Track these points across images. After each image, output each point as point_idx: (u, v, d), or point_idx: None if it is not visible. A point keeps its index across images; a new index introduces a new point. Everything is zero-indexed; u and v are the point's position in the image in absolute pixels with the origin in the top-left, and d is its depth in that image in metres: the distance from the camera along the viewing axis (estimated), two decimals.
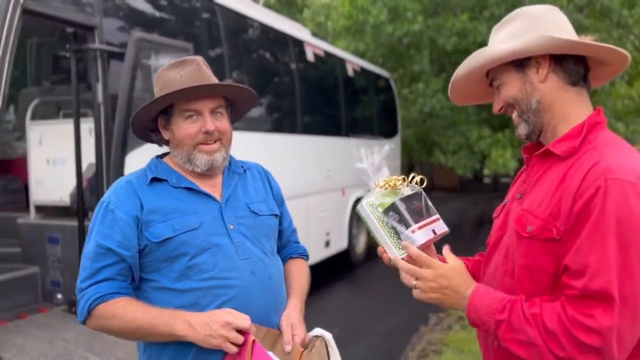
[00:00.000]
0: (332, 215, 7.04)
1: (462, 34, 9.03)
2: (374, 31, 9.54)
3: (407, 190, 1.35)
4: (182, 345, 1.39)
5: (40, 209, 4.11)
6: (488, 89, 1.31)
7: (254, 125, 5.57)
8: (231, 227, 1.48)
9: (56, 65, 4.66)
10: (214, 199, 1.50)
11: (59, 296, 3.74)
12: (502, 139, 8.99)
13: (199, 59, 1.51)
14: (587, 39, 1.20)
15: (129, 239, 1.40)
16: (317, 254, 6.62)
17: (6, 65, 2.84)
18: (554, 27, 1.21)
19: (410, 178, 1.36)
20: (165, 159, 1.55)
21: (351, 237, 7.67)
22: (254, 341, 1.33)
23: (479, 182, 23.59)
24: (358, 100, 8.39)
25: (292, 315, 1.51)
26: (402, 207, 1.29)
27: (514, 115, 1.26)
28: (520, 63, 1.21)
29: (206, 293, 1.40)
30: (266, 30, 6.03)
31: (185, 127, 1.46)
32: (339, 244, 7.31)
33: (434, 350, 4.53)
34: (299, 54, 6.57)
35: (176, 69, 1.47)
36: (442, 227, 1.33)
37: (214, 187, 1.53)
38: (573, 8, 8.20)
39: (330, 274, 7.33)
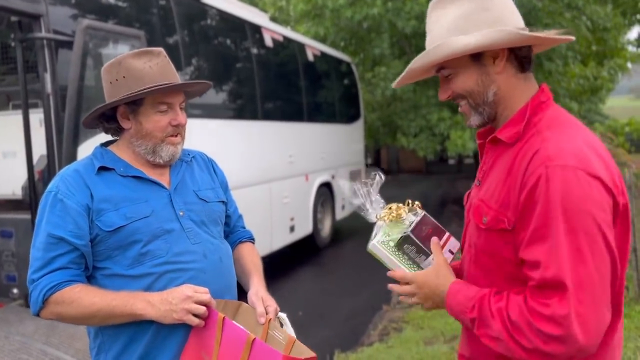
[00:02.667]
0: (296, 201, 7.08)
1: (420, 17, 9.10)
2: (333, 15, 9.54)
3: (411, 217, 1.37)
4: (138, 329, 1.42)
5: None
6: (429, 71, 1.28)
7: (215, 113, 5.54)
8: (181, 213, 1.51)
9: (5, 55, 4.53)
10: (162, 186, 1.52)
11: (15, 290, 3.69)
12: (461, 120, 9.16)
13: (163, 51, 1.52)
14: (552, 32, 1.19)
15: (82, 228, 1.40)
16: (282, 239, 6.67)
17: None
18: (504, 11, 1.18)
19: (409, 204, 1.40)
20: (111, 147, 1.56)
21: (316, 222, 7.74)
22: (224, 318, 1.38)
23: (444, 164, 23.99)
24: (319, 85, 8.40)
25: (260, 290, 1.57)
26: (416, 238, 1.31)
27: (464, 105, 1.23)
28: (477, 54, 1.17)
29: (159, 277, 1.43)
30: (222, 16, 5.97)
31: (156, 120, 1.47)
32: (304, 228, 7.37)
33: (395, 327, 4.65)
34: (256, 39, 6.53)
35: (142, 59, 1.46)
36: (455, 245, 1.36)
37: (161, 175, 1.55)
38: None
39: (295, 258, 7.40)
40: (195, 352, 1.41)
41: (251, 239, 1.83)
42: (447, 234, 1.37)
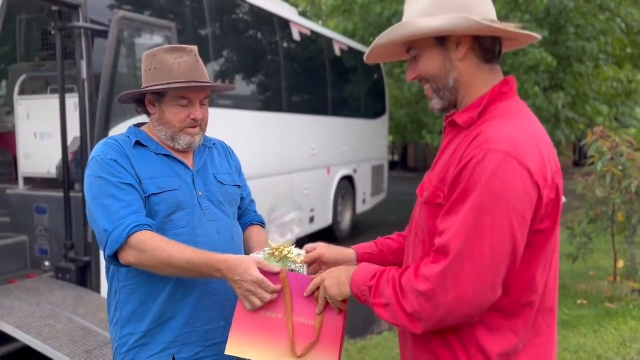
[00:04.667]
0: (317, 193, 7.22)
1: None
2: (362, 11, 9.63)
3: (291, 262, 1.50)
4: (152, 291, 1.58)
5: (29, 180, 4.28)
6: (402, 51, 1.31)
7: (241, 104, 5.72)
8: (200, 193, 1.68)
9: (45, 41, 4.79)
10: (188, 167, 1.70)
11: (47, 263, 3.93)
12: None
13: (195, 49, 1.68)
14: (511, 26, 1.19)
15: (138, 183, 1.56)
16: (302, 229, 6.83)
17: None
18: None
19: (299, 252, 1.53)
20: (143, 128, 1.74)
21: (336, 214, 7.87)
22: (287, 272, 1.43)
23: None
24: (345, 80, 8.51)
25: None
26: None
27: (427, 88, 1.27)
28: (441, 38, 1.20)
29: None
30: (252, 10, 6.14)
31: (176, 112, 1.63)
32: (324, 220, 7.51)
33: None
34: (285, 33, 6.68)
35: (173, 55, 1.61)
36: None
37: (186, 158, 1.73)
38: None
39: None
40: (252, 314, 1.44)
41: (261, 223, 1.97)
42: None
